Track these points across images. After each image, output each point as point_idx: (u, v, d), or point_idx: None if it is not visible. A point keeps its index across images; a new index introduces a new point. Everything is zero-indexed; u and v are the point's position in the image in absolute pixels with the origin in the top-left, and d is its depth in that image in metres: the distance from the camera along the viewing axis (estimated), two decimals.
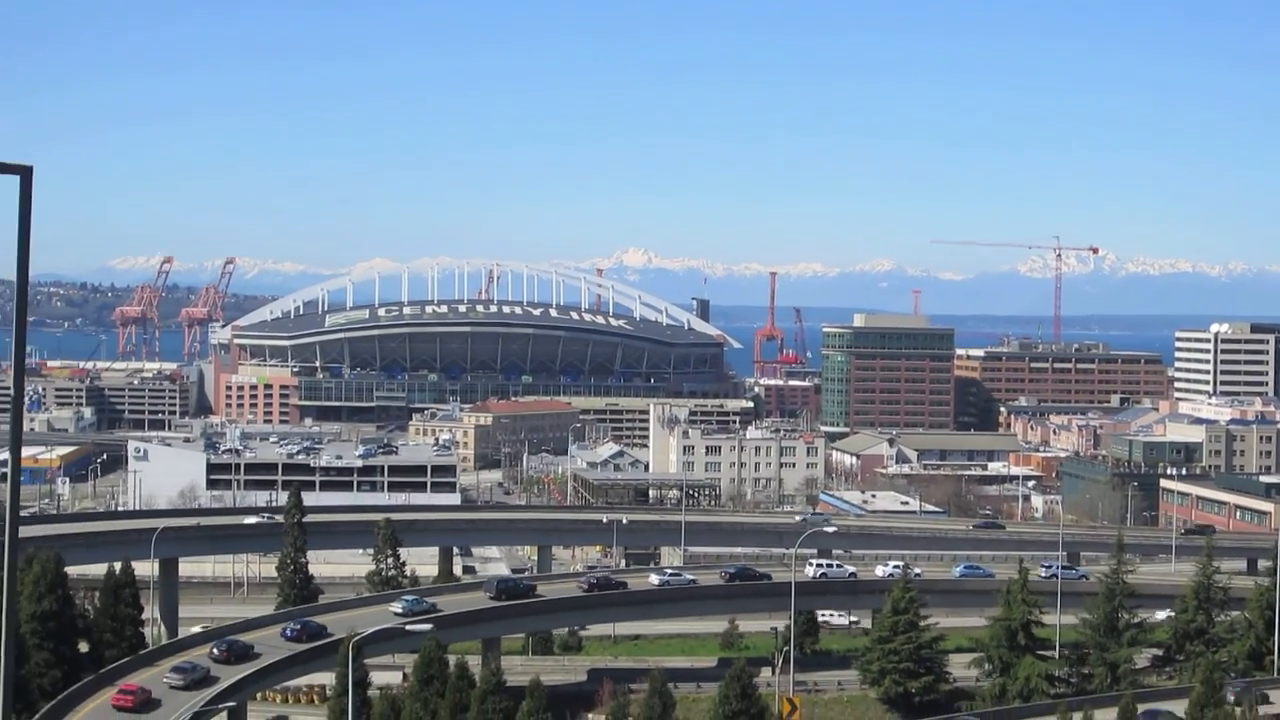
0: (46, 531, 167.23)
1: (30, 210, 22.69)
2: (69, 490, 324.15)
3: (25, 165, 22.66)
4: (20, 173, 22.67)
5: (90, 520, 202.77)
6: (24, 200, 22.70)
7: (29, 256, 23.00)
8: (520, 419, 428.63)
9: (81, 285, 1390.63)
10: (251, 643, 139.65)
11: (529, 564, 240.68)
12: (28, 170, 22.74)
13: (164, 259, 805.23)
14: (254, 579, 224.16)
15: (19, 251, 22.94)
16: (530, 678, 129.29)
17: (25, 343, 24.02)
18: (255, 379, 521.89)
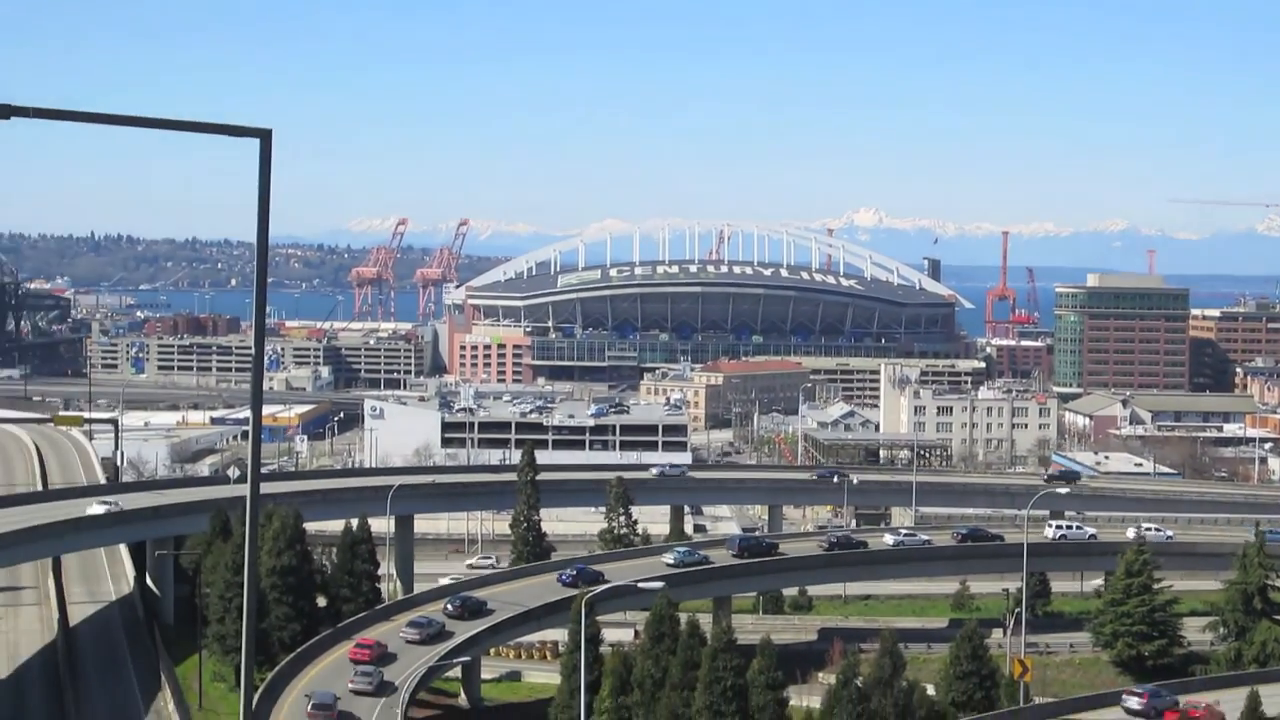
0: (285, 488, 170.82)
1: (270, 173, 23.15)
2: (307, 448, 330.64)
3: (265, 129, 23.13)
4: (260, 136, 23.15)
5: (327, 477, 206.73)
6: (264, 163, 23.17)
7: (269, 219, 23.52)
8: (751, 379, 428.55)
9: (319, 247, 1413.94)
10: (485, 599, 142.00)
11: (759, 523, 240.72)
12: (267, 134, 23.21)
13: (399, 221, 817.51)
14: (487, 536, 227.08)
15: (259, 214, 23.46)
16: (761, 636, 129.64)
17: (266, 303, 24.60)
18: (489, 339, 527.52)
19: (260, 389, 25.38)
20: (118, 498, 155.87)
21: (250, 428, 25.16)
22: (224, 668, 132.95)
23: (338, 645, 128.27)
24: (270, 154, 23.21)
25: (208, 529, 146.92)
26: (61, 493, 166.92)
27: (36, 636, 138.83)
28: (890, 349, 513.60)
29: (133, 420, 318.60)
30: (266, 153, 23.23)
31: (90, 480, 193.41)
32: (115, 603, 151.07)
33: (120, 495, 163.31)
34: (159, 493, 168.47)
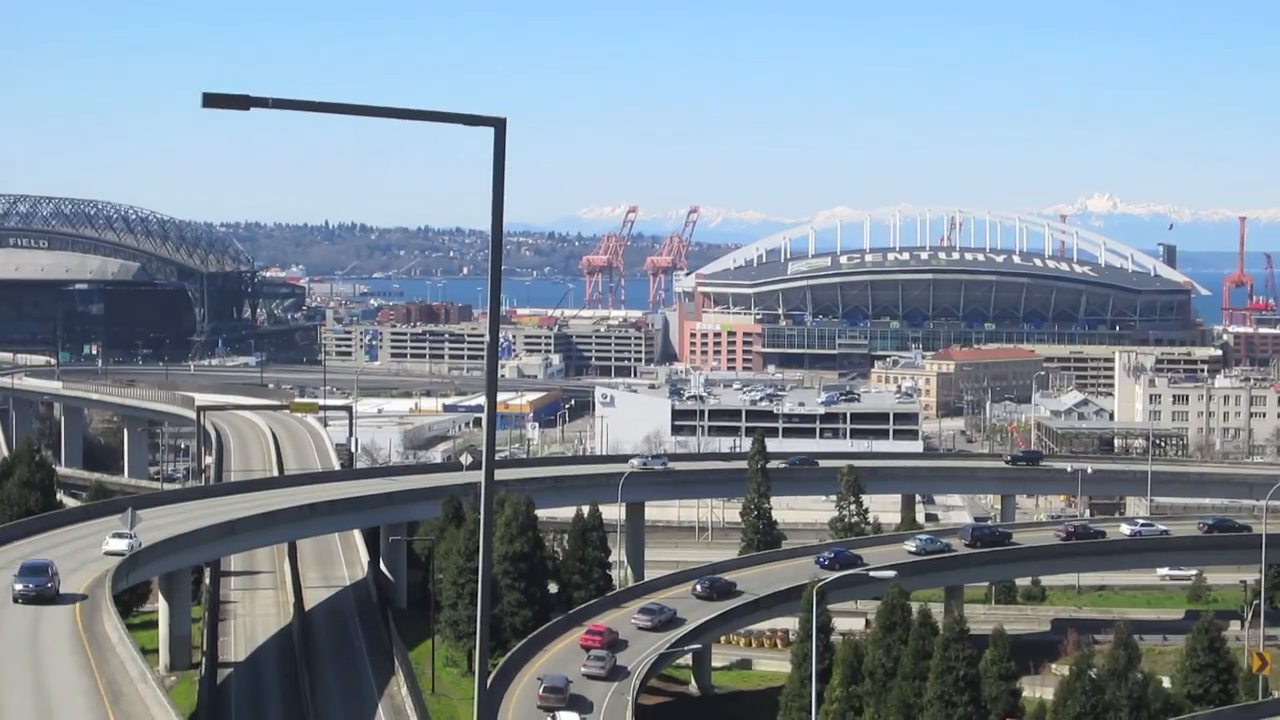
0: (517, 475, 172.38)
1: (504, 162, 23.12)
2: (538, 435, 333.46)
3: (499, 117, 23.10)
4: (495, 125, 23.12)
5: (559, 464, 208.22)
6: (498, 152, 23.14)
7: (503, 207, 23.46)
8: (983, 366, 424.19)
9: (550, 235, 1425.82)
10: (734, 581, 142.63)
11: (991, 512, 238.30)
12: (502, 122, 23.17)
13: (629, 208, 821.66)
14: (718, 524, 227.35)
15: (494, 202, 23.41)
16: (993, 626, 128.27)
17: (500, 291, 24.55)
18: (719, 326, 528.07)
19: (495, 376, 25.34)
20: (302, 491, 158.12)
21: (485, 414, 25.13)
22: (456, 652, 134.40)
23: (569, 631, 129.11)
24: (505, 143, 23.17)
25: (440, 515, 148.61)
26: (297, 479, 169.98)
27: (273, 620, 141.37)
28: (1125, 336, 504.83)
29: (366, 407, 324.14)
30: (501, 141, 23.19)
31: (325, 466, 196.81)
32: (349, 587, 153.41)
33: (354, 482, 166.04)
34: (392, 479, 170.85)
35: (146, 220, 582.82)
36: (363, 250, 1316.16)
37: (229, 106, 22.01)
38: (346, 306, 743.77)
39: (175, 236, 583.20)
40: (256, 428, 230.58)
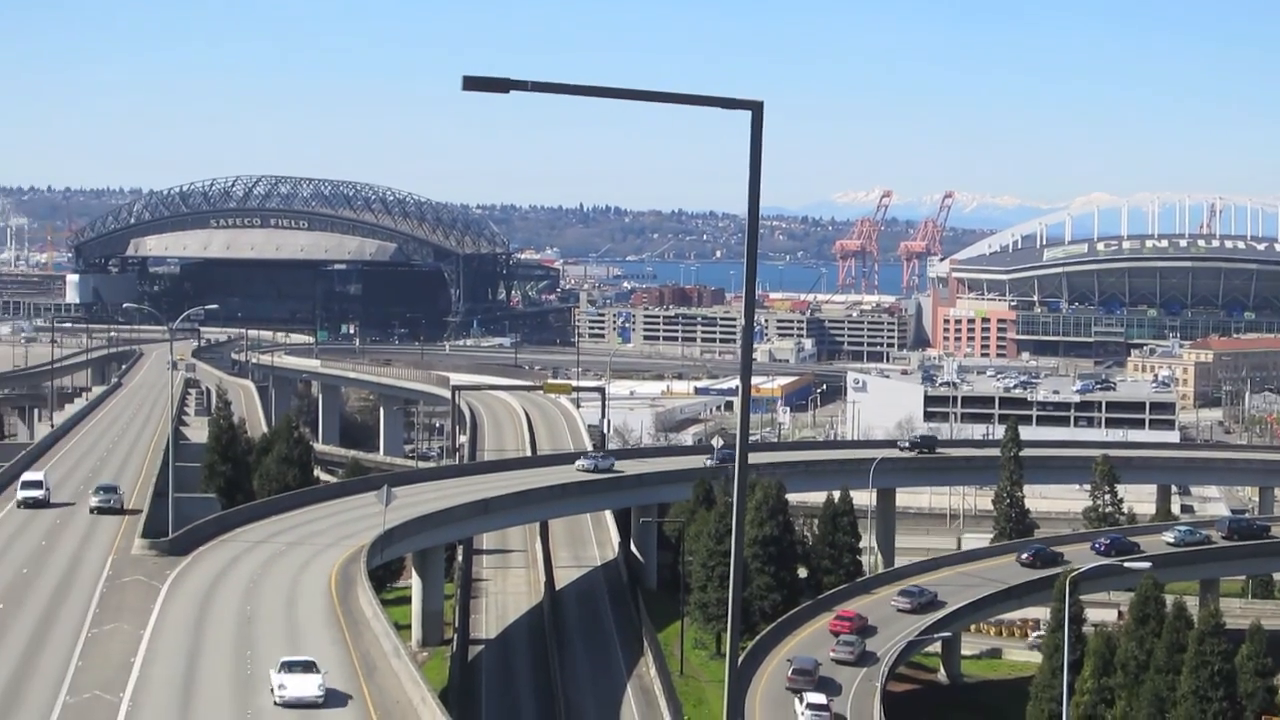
0: (768, 459, 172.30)
1: (761, 145, 23.07)
2: (789, 419, 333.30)
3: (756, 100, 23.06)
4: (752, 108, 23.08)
5: (810, 449, 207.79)
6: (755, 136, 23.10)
7: (759, 191, 23.42)
8: (1242, 356, 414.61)
9: (803, 219, 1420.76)
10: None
11: (1249, 505, 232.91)
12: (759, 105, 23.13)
13: (883, 193, 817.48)
14: (969, 511, 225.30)
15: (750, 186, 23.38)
16: (1250, 621, 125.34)
17: (756, 275, 24.50)
18: (972, 313, 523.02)
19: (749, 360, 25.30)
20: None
21: (740, 398, 25.11)
22: (705, 635, 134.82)
23: (818, 616, 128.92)
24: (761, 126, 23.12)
25: (691, 497, 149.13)
26: (550, 459, 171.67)
27: (524, 599, 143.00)
28: None
29: (619, 389, 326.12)
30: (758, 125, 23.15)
31: (577, 447, 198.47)
32: (600, 568, 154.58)
33: None
34: (643, 460, 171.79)
35: (404, 202, 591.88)
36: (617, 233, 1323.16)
37: (489, 89, 22.25)
38: (600, 289, 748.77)
39: (432, 218, 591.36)
40: (510, 408, 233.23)
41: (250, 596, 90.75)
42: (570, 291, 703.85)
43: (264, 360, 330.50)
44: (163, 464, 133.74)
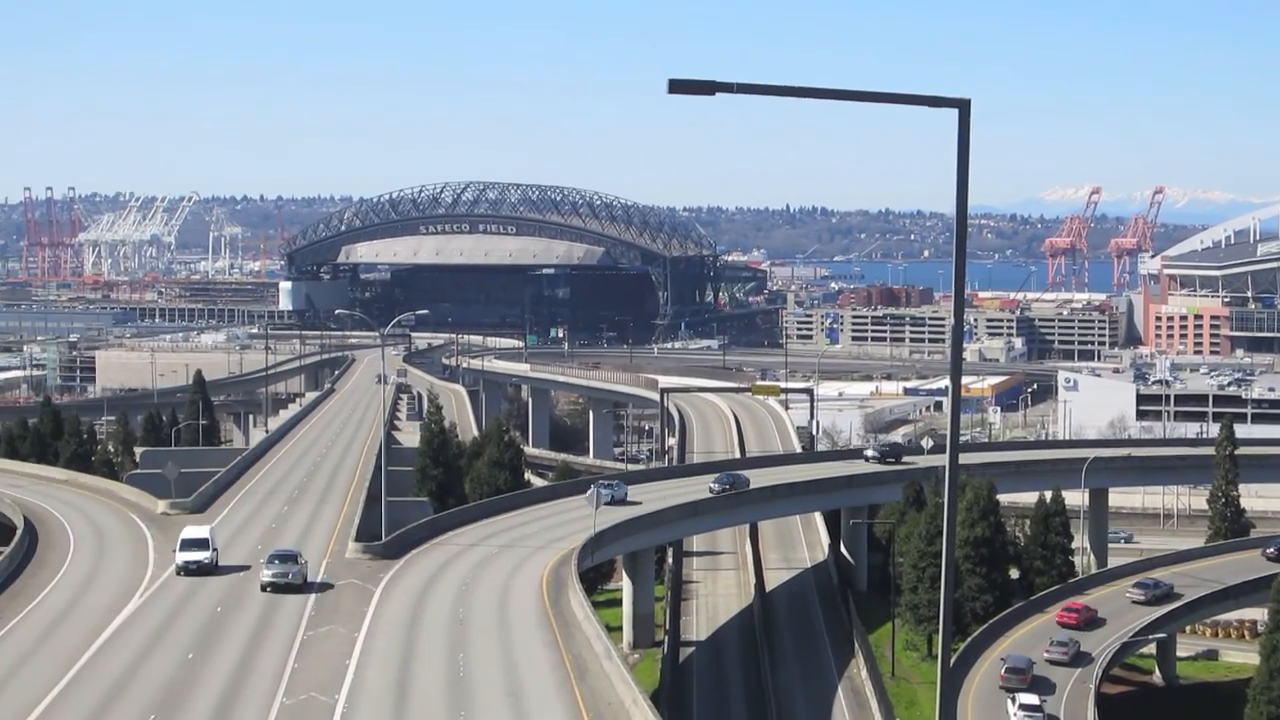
0: (979, 459, 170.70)
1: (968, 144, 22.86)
2: (999, 419, 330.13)
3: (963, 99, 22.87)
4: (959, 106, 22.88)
5: (1020, 449, 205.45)
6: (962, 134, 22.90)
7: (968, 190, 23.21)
8: None
9: (1011, 217, 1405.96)
10: None
11: None
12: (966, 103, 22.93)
13: (1092, 190, 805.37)
14: (1183, 511, 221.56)
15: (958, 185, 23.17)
16: None
17: (964, 274, 24.29)
18: (1185, 309, 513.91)
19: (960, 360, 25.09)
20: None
21: (950, 397, 24.91)
22: (916, 636, 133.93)
23: (1030, 618, 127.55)
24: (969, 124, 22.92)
25: (900, 498, 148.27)
26: (756, 461, 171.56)
27: (734, 600, 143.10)
28: None
29: (827, 390, 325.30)
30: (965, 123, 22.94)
31: (786, 449, 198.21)
32: (810, 569, 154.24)
33: (816, 465, 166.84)
34: (852, 462, 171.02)
35: (611, 205, 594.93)
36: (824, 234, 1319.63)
37: (694, 92, 22.27)
38: (807, 290, 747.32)
39: (639, 221, 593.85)
40: (718, 410, 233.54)
41: (462, 599, 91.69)
42: (777, 293, 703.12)
43: (474, 365, 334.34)
44: (375, 468, 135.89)
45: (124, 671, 73.17)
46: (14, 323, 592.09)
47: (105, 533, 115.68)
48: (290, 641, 79.59)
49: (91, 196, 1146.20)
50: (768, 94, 22.57)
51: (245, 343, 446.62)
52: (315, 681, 71.28)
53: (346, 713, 66.33)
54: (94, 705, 66.82)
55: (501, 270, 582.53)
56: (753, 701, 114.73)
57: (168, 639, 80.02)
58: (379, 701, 68.55)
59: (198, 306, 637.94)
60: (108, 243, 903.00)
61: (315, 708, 67.00)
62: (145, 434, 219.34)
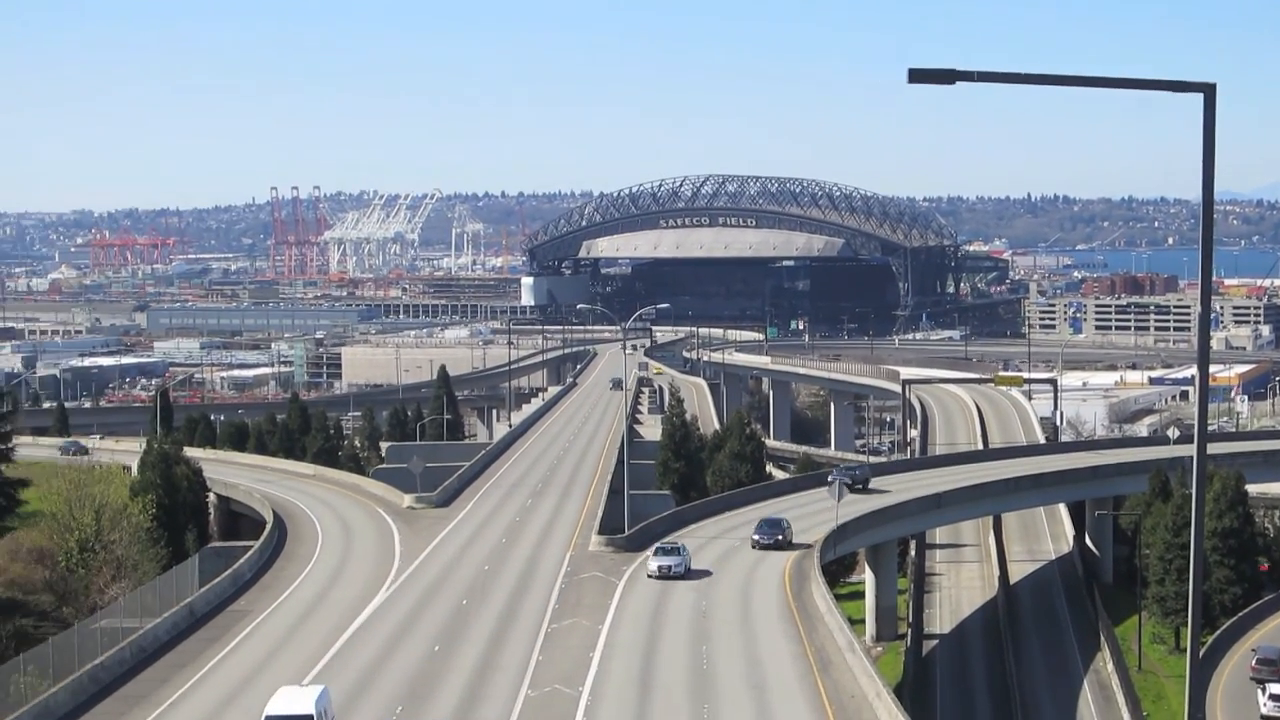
0: (1226, 449, 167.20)
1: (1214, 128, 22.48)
2: (1247, 408, 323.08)
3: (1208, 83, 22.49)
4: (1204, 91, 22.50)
5: (1269, 438, 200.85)
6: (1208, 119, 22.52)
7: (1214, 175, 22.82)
8: None
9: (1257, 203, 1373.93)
10: None
11: None
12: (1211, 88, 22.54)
13: None
14: None
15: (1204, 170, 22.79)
16: None
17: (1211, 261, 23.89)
18: None
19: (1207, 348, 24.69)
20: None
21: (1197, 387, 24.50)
22: (1163, 629, 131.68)
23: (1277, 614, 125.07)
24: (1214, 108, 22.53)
25: (1146, 489, 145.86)
26: (1001, 452, 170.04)
27: (978, 593, 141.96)
28: None
29: (1070, 380, 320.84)
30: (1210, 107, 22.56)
31: (1029, 440, 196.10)
32: (1054, 561, 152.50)
33: (1059, 455, 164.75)
34: (1097, 453, 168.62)
35: (850, 196, 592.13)
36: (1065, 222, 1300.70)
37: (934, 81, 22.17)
38: (1049, 279, 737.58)
39: (878, 212, 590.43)
40: (961, 401, 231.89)
41: (705, 592, 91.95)
42: (1019, 282, 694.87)
43: (715, 358, 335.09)
44: (618, 461, 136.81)
45: (371, 663, 74.66)
46: (262, 320, 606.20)
47: (352, 527, 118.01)
48: (535, 634, 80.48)
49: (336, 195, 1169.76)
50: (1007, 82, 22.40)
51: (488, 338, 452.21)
52: (559, 674, 71.99)
53: (590, 705, 66.88)
54: (342, 696, 68.12)
55: (741, 263, 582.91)
56: (997, 695, 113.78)
57: (414, 632, 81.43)
58: (623, 693, 69.02)
59: (441, 302, 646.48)
60: (352, 240, 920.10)
61: (560, 700, 67.66)
62: (390, 429, 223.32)
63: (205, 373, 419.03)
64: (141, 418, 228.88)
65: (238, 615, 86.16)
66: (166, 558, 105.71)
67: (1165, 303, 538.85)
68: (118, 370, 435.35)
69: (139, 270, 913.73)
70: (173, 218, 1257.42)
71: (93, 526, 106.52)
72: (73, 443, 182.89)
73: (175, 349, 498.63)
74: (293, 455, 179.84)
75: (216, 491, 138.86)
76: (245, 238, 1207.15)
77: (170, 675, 72.42)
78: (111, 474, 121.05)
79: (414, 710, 66.14)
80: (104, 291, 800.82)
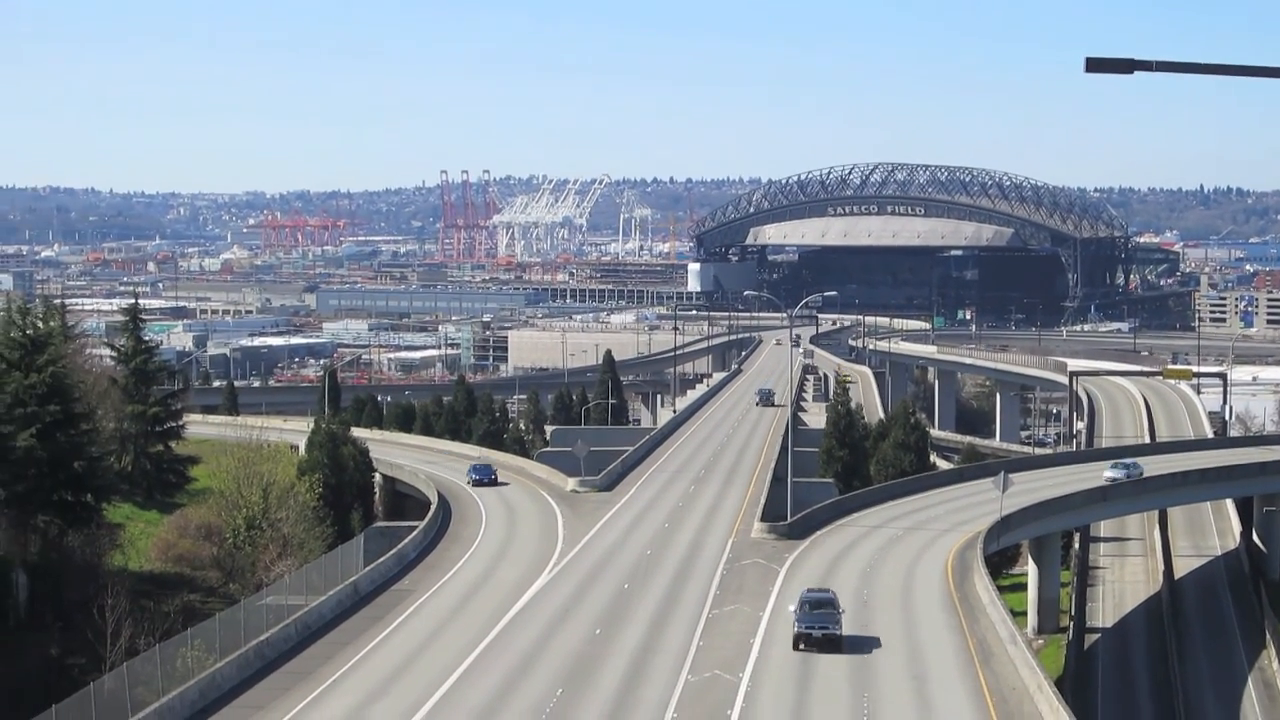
0: None
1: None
2: None
3: None
4: None
5: None
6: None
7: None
8: None
9: None
10: None
11: None
12: None
13: None
14: None
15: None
16: None
17: None
18: None
19: None
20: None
21: None
22: None
23: None
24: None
25: None
26: (1169, 445, 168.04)
27: (1141, 588, 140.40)
28: None
29: (1241, 375, 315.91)
30: None
31: (1197, 434, 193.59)
32: (1220, 557, 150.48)
33: (1227, 450, 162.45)
34: (1267, 448, 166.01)
35: (1020, 186, 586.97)
36: (1239, 214, 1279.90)
37: (1113, 70, 22.03)
38: (1221, 272, 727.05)
39: (1048, 202, 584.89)
40: (1128, 394, 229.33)
41: (867, 581, 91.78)
42: (1190, 275, 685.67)
43: (880, 346, 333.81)
44: (781, 449, 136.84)
45: (533, 644, 75.27)
46: (430, 303, 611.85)
47: (516, 509, 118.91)
48: (696, 619, 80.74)
49: (506, 179, 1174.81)
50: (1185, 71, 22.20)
51: (654, 323, 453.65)
52: (720, 659, 72.21)
53: (750, 691, 67.05)
54: (504, 675, 68.87)
55: (909, 251, 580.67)
56: (1159, 690, 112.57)
57: (576, 614, 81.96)
58: (782, 680, 69.13)
59: (608, 287, 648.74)
60: (521, 225, 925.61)
61: (719, 685, 67.88)
62: (555, 412, 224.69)
63: (373, 354, 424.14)
64: (309, 398, 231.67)
65: (401, 594, 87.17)
66: (332, 536, 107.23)
67: None
68: (287, 350, 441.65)
69: (309, 251, 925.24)
70: (343, 200, 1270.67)
71: (260, 504, 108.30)
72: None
73: (343, 330, 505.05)
74: (458, 437, 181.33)
75: (382, 472, 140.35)
76: (415, 220, 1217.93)
77: (334, 653, 73.48)
78: (280, 453, 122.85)
79: (575, 691, 66.63)
80: (274, 272, 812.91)
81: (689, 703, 65.37)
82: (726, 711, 64.18)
